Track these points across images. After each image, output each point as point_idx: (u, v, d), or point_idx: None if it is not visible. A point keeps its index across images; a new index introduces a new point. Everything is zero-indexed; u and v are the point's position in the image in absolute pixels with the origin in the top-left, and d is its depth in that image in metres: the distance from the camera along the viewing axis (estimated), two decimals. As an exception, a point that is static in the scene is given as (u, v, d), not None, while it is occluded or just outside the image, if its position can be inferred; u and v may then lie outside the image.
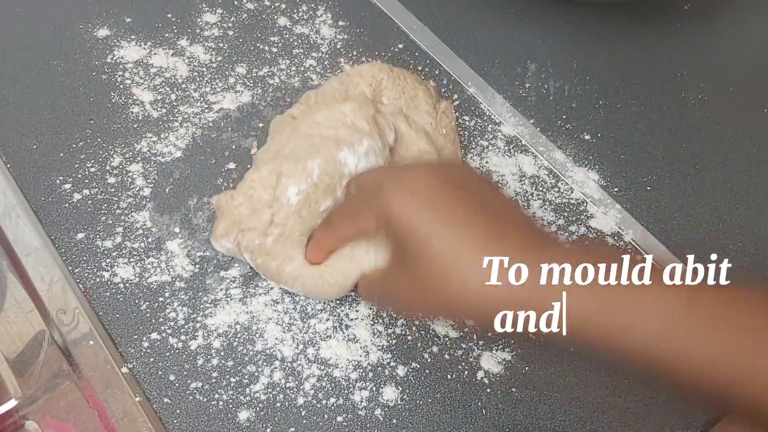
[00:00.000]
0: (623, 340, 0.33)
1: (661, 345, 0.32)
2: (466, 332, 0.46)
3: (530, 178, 0.54)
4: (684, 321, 0.32)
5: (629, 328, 0.33)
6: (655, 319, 0.32)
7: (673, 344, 0.32)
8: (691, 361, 0.32)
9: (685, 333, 0.32)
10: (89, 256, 0.47)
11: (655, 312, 0.32)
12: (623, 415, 0.44)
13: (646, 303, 0.33)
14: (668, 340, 0.32)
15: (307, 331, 0.46)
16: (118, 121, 0.53)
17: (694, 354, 0.32)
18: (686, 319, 0.32)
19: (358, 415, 0.43)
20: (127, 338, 0.45)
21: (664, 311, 0.32)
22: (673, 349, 0.32)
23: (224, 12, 0.60)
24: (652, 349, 0.32)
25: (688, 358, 0.32)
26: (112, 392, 0.43)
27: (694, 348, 0.32)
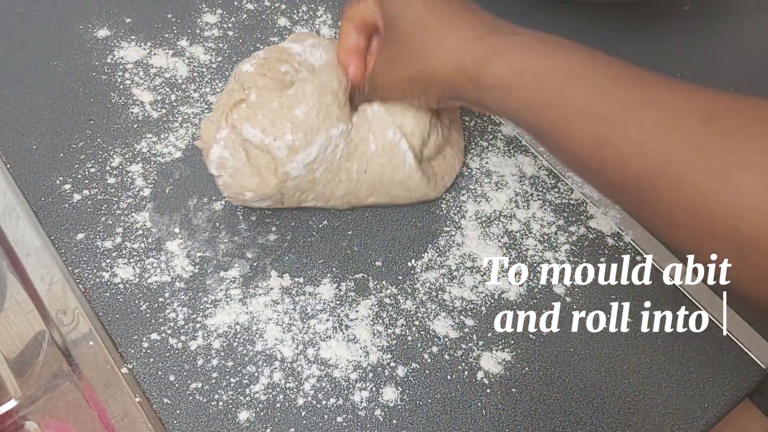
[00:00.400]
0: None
1: (553, 102, 0.37)
2: (466, 333, 0.46)
3: (530, 179, 0.54)
4: (578, 82, 0.37)
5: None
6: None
7: (564, 101, 0.37)
8: (574, 115, 0.36)
9: (576, 91, 0.37)
10: (89, 257, 0.47)
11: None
12: (623, 415, 0.44)
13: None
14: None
15: (307, 332, 0.46)
16: (118, 122, 0.53)
17: (578, 107, 0.36)
18: (581, 80, 0.37)
19: (358, 416, 0.43)
20: (126, 338, 0.45)
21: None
22: (563, 105, 0.37)
23: (224, 12, 0.60)
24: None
25: (573, 112, 0.36)
26: (112, 392, 0.43)
27: (578, 104, 0.36)
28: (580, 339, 0.47)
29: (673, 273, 0.50)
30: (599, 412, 0.44)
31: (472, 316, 0.47)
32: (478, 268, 0.49)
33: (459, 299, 0.48)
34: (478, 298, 0.48)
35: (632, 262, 0.50)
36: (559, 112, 0.37)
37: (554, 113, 0.37)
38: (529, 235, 0.51)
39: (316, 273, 0.48)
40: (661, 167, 0.33)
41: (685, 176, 0.32)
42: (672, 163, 0.33)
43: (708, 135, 0.32)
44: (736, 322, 0.48)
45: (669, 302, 0.48)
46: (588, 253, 0.50)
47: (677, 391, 0.45)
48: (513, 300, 0.48)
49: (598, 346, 0.46)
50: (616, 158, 0.35)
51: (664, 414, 0.44)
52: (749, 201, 0.30)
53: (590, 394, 0.45)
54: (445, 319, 0.47)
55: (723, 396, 0.45)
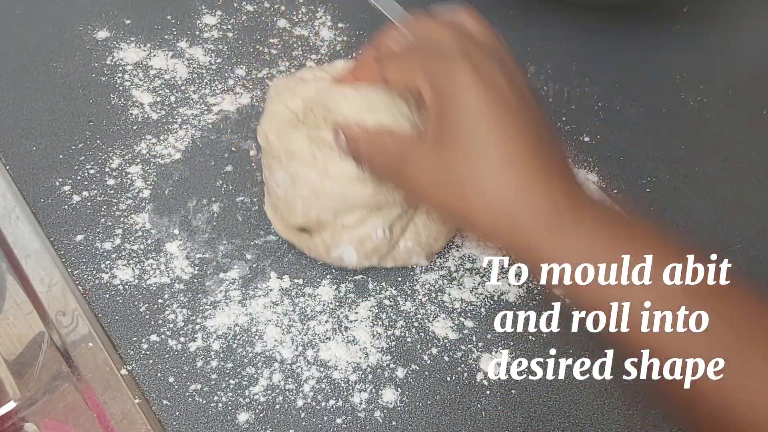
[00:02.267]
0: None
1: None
2: (465, 334, 0.46)
3: (530, 180, 0.54)
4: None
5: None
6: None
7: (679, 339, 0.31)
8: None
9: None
10: (88, 258, 0.47)
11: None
12: (623, 416, 0.44)
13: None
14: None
15: (307, 333, 0.46)
16: (117, 123, 0.53)
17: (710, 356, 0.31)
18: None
19: (358, 417, 0.43)
20: (126, 340, 0.45)
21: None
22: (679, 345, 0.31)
23: (224, 14, 0.61)
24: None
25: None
26: (112, 394, 0.43)
27: (712, 352, 0.31)
28: (580, 340, 0.47)
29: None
30: (598, 413, 0.44)
31: (471, 318, 0.47)
32: (478, 270, 0.49)
33: (458, 301, 0.48)
34: (477, 299, 0.48)
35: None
36: (668, 351, 0.31)
37: (660, 351, 0.31)
38: (528, 236, 0.51)
39: (316, 274, 0.48)
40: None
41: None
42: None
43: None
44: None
45: (668, 304, 0.48)
46: (587, 255, 0.50)
47: (677, 392, 0.45)
48: (513, 301, 0.48)
49: (597, 348, 0.46)
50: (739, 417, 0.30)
51: (665, 416, 0.44)
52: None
53: (589, 396, 0.45)
54: (444, 320, 0.47)
55: (723, 397, 0.45)
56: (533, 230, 0.33)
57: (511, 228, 0.34)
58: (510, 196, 0.33)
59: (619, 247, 0.33)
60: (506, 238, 0.34)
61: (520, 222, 0.33)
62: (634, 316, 0.32)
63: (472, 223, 0.35)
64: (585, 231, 0.33)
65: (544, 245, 0.33)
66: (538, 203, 0.33)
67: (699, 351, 0.31)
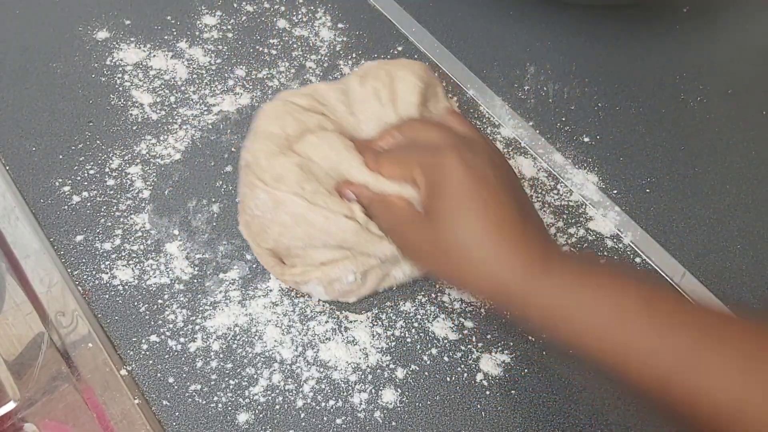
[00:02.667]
0: (574, 330, 0.38)
1: (608, 337, 0.37)
2: (465, 335, 0.46)
3: (529, 180, 0.54)
4: (635, 317, 0.36)
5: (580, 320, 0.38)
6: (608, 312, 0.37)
7: (621, 337, 0.36)
8: (635, 353, 0.36)
9: (634, 327, 0.36)
10: (88, 258, 0.47)
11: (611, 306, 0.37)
12: (623, 417, 0.44)
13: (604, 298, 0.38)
14: (619, 333, 0.36)
15: (306, 334, 0.46)
16: (117, 124, 0.53)
17: (639, 346, 0.36)
18: (637, 316, 0.36)
19: (357, 418, 0.43)
20: (126, 340, 0.45)
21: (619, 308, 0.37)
22: (621, 342, 0.36)
23: (223, 14, 0.61)
24: (602, 338, 0.37)
25: (633, 350, 0.36)
26: (111, 394, 0.43)
27: (638, 341, 0.36)
28: (579, 341, 0.47)
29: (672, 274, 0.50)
30: (598, 414, 0.44)
31: (471, 318, 0.47)
32: (478, 270, 0.49)
33: (458, 301, 0.48)
34: (477, 300, 0.48)
35: (631, 264, 0.50)
36: (616, 351, 0.36)
37: (610, 352, 0.36)
38: (528, 236, 0.51)
39: (316, 275, 0.48)
40: (735, 408, 0.33)
41: (763, 417, 0.32)
42: (746, 403, 0.33)
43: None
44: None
45: (668, 304, 0.48)
46: (587, 255, 0.50)
47: (677, 392, 0.45)
48: (512, 302, 0.48)
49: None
50: (683, 398, 0.35)
51: (664, 416, 0.44)
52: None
53: (589, 396, 0.45)
54: (444, 321, 0.47)
55: (722, 398, 0.45)
56: (511, 284, 0.39)
57: (494, 283, 0.39)
58: (491, 258, 0.39)
59: (582, 286, 0.38)
60: (489, 292, 0.40)
61: (501, 278, 0.39)
62: (596, 337, 0.37)
63: (461, 281, 0.42)
64: (552, 279, 0.38)
65: (520, 294, 0.39)
66: (515, 262, 0.39)
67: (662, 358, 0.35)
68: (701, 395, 0.34)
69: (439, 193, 0.41)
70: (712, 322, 0.36)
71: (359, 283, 0.45)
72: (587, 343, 0.37)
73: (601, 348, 0.37)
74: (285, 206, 0.44)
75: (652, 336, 0.35)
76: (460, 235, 0.40)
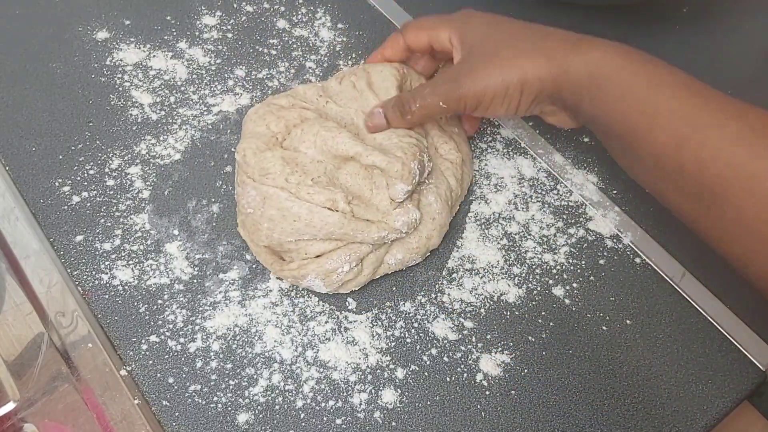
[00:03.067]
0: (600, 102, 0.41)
1: (639, 98, 0.40)
2: (465, 335, 0.46)
3: (529, 181, 0.54)
4: (665, 87, 0.40)
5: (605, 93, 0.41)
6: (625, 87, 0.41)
7: (637, 107, 0.40)
8: (660, 115, 0.39)
9: (662, 94, 0.39)
10: (88, 259, 0.47)
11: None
12: (622, 417, 0.44)
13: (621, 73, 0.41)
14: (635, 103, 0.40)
15: (306, 334, 0.46)
16: (117, 124, 0.53)
17: (665, 107, 0.39)
18: (667, 86, 0.40)
19: (357, 418, 0.43)
20: (125, 341, 0.45)
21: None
22: (650, 102, 0.39)
23: (223, 14, 0.61)
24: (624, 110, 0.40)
25: (660, 112, 0.39)
26: (111, 395, 0.43)
27: (665, 102, 0.39)
28: (578, 341, 0.47)
29: (672, 275, 0.50)
30: (598, 414, 0.44)
31: (471, 318, 0.47)
32: (477, 270, 0.49)
33: (458, 301, 0.48)
34: (477, 300, 0.48)
35: (631, 264, 0.50)
36: (645, 111, 0.39)
37: (639, 113, 0.39)
38: (528, 237, 0.51)
39: (315, 275, 0.48)
40: (738, 174, 0.35)
41: (763, 184, 0.34)
42: (750, 171, 0.35)
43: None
44: (735, 324, 0.48)
45: (668, 304, 0.48)
46: (587, 255, 0.50)
47: (676, 393, 0.45)
48: (512, 302, 0.48)
49: (597, 348, 0.46)
50: (694, 161, 0.37)
51: (663, 416, 0.44)
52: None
53: (589, 396, 0.45)
54: (444, 321, 0.47)
55: (722, 398, 0.45)
56: (557, 56, 0.43)
57: (543, 57, 0.43)
58: (538, 40, 0.44)
59: (618, 59, 0.41)
60: (546, 72, 0.43)
61: (548, 51, 0.43)
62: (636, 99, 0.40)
63: (520, 70, 0.44)
64: (590, 53, 0.42)
65: (564, 65, 0.42)
66: (557, 42, 0.44)
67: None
68: (710, 159, 0.36)
69: (470, 38, 0.46)
70: (740, 103, 0.38)
71: (356, 271, 0.45)
72: (616, 106, 0.40)
73: (632, 115, 0.40)
74: (272, 201, 0.44)
75: (678, 101, 0.38)
76: (500, 40, 0.45)
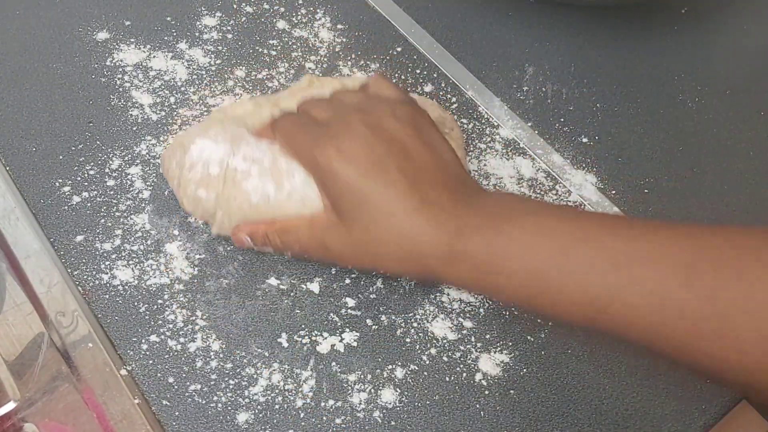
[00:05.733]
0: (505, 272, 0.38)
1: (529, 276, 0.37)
2: (464, 335, 0.46)
3: (528, 181, 0.54)
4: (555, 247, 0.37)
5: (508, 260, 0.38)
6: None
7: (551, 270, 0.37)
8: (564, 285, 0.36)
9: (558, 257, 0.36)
10: (88, 259, 0.47)
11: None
12: (622, 417, 0.44)
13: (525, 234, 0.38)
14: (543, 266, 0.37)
15: (306, 333, 0.46)
16: (117, 124, 0.53)
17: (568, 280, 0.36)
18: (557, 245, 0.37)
19: (357, 417, 0.43)
20: (126, 340, 0.45)
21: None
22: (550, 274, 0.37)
23: (223, 15, 0.61)
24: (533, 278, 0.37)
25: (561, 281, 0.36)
26: (111, 394, 0.43)
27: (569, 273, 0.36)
28: (578, 341, 0.47)
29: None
30: (597, 413, 0.44)
31: (470, 318, 0.47)
32: (477, 270, 0.49)
33: (457, 301, 0.48)
34: (476, 299, 0.48)
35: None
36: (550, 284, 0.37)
37: (536, 289, 0.38)
38: (527, 237, 0.51)
39: (314, 274, 0.48)
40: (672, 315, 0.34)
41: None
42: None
43: (691, 298, 0.34)
44: (733, 324, 0.48)
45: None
46: (586, 255, 0.50)
47: (675, 392, 0.45)
48: (511, 302, 0.48)
49: (595, 348, 0.47)
50: (620, 320, 0.36)
51: (662, 415, 0.44)
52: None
53: (588, 396, 0.45)
54: (443, 320, 0.47)
55: (721, 398, 0.45)
56: (432, 259, 0.39)
57: (418, 262, 0.40)
58: (407, 237, 0.39)
59: (495, 244, 0.38)
60: (418, 272, 0.41)
61: (422, 255, 0.39)
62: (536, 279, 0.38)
63: (388, 269, 0.43)
64: (469, 242, 0.38)
65: (443, 264, 0.39)
66: (430, 233, 0.39)
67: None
68: (638, 315, 0.35)
69: (331, 188, 0.41)
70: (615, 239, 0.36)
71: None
72: (519, 288, 0.38)
73: (529, 289, 0.38)
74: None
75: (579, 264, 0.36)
76: (372, 230, 0.40)
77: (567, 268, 0.36)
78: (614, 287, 0.35)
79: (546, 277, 0.37)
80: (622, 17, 0.65)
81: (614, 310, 0.35)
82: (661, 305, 0.34)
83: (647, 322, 0.35)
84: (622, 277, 0.35)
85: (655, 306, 0.34)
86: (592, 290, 0.35)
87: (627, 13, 0.66)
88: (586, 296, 0.36)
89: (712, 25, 0.67)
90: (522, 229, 0.38)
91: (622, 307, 0.35)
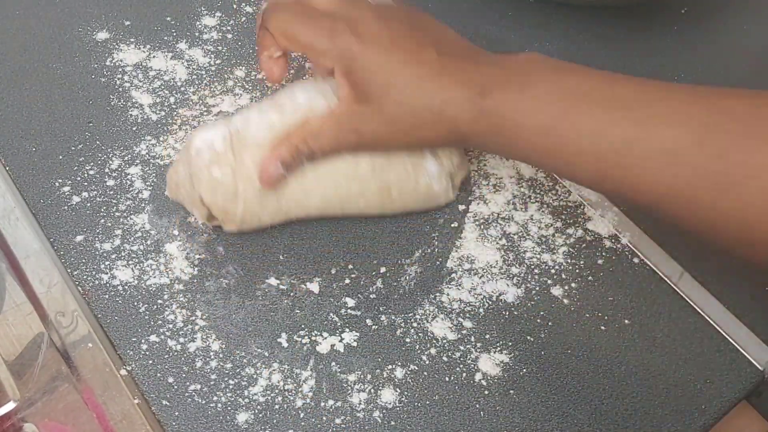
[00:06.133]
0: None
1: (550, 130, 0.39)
2: (464, 335, 0.46)
3: (528, 181, 0.54)
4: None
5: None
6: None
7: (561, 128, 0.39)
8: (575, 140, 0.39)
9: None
10: (88, 259, 0.47)
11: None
12: (621, 417, 0.44)
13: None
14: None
15: (305, 333, 0.46)
16: (117, 124, 0.53)
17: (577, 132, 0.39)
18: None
19: (357, 417, 0.43)
20: (125, 340, 0.45)
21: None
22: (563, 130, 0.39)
23: (223, 15, 0.61)
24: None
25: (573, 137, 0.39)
26: (111, 394, 0.43)
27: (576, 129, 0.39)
28: (577, 341, 0.47)
29: (670, 274, 0.50)
30: (597, 413, 0.44)
31: (470, 318, 0.47)
32: (476, 270, 0.49)
33: (457, 301, 0.48)
34: (476, 300, 0.48)
35: (629, 264, 0.50)
36: (559, 140, 0.39)
37: (552, 145, 0.40)
38: (527, 237, 0.51)
39: (314, 274, 0.48)
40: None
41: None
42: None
43: (702, 156, 0.36)
44: (733, 324, 0.48)
45: (666, 304, 0.48)
46: (586, 255, 0.50)
47: (674, 393, 0.45)
48: (511, 301, 0.48)
49: (595, 348, 0.47)
50: (621, 179, 0.39)
51: (662, 416, 0.44)
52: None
53: (588, 396, 0.45)
54: (443, 320, 0.47)
55: (720, 398, 0.45)
56: (460, 120, 0.41)
57: (449, 125, 0.41)
58: (437, 99, 0.41)
59: (520, 100, 0.40)
60: (448, 137, 0.43)
61: (452, 117, 0.41)
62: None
63: (422, 139, 0.43)
64: (495, 99, 0.40)
65: (470, 124, 0.41)
66: (458, 92, 0.41)
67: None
68: (650, 170, 0.37)
69: (359, 78, 0.42)
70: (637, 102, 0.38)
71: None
72: (537, 143, 0.40)
73: (546, 144, 0.40)
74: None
75: (588, 126, 0.38)
76: (397, 101, 0.41)
77: (581, 124, 0.38)
78: (629, 143, 0.37)
79: (561, 133, 0.39)
80: (622, 17, 0.65)
81: (627, 163, 0.37)
82: (673, 162, 0.36)
83: (658, 178, 0.37)
84: (639, 132, 0.37)
85: (667, 162, 0.36)
86: (605, 145, 0.38)
87: (627, 13, 0.66)
88: (600, 150, 0.38)
89: (712, 25, 0.67)
90: (545, 84, 0.40)
91: (636, 161, 0.37)
